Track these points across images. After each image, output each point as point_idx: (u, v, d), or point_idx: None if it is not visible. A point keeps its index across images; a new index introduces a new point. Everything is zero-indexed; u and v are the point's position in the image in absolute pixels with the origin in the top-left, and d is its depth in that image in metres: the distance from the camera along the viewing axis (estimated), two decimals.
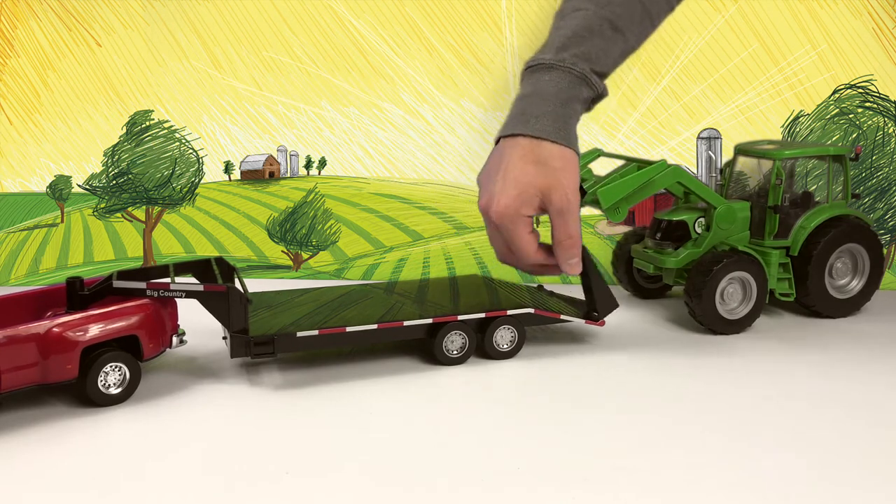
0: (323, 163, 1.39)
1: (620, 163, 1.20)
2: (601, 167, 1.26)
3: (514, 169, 0.91)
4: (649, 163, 1.13)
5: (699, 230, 1.17)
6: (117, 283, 0.95)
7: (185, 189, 1.40)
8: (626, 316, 1.21)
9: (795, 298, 1.18)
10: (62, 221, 1.40)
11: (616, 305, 1.09)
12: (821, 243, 1.16)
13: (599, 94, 0.97)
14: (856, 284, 1.21)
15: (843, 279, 1.21)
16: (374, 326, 0.99)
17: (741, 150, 1.22)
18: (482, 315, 1.03)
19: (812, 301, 1.18)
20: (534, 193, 0.91)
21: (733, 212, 1.16)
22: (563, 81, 0.94)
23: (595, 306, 1.07)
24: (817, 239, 1.17)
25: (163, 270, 1.01)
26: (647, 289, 1.30)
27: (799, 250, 1.17)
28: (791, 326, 1.17)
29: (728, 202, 1.16)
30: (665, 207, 1.26)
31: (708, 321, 1.11)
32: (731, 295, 1.12)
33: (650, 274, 1.24)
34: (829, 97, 1.32)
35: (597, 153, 1.23)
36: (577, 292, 1.14)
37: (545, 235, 0.96)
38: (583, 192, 1.06)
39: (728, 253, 1.13)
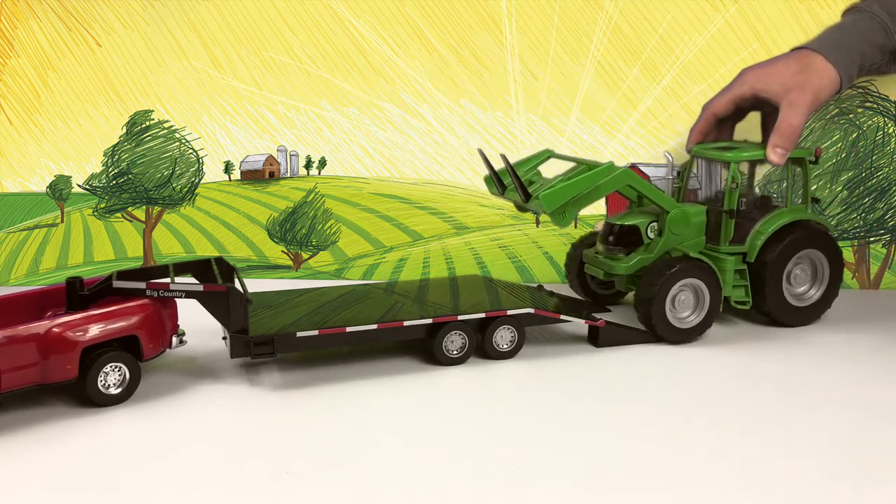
0: (323, 163, 1.39)
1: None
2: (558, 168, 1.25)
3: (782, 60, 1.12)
4: (599, 165, 1.09)
5: (652, 235, 1.12)
6: (117, 283, 0.95)
7: (185, 189, 1.40)
8: (626, 316, 1.21)
9: (752, 306, 1.14)
10: (62, 221, 1.40)
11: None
12: (778, 249, 1.12)
13: None
14: (815, 292, 1.17)
15: (802, 287, 1.17)
16: (374, 326, 0.99)
17: (697, 152, 1.18)
18: (482, 315, 1.03)
19: (769, 309, 1.14)
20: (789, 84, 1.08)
21: (687, 216, 1.11)
22: (861, 22, 1.11)
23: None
24: (774, 245, 1.12)
25: (162, 270, 1.01)
26: (599, 294, 1.25)
27: (756, 256, 1.12)
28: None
29: (682, 206, 1.12)
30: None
31: (659, 329, 1.08)
32: (683, 303, 1.09)
33: (602, 280, 1.20)
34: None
35: (547, 154, 1.17)
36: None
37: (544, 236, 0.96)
38: (527, 194, 1.05)
39: (680, 259, 1.08)
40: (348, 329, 0.98)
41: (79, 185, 1.40)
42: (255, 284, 1.16)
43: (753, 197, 1.19)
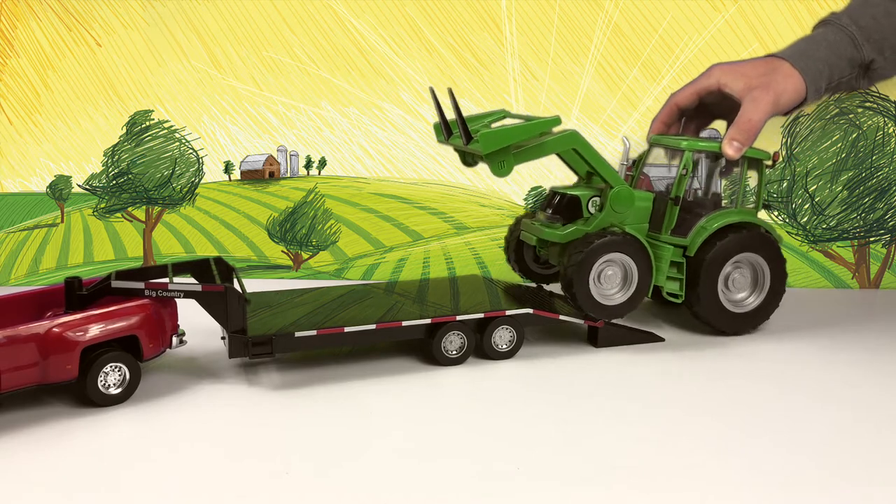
0: (323, 163, 1.39)
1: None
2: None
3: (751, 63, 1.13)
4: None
5: (592, 210, 1.09)
6: (116, 283, 0.95)
7: (185, 189, 1.40)
8: (626, 317, 1.21)
9: (688, 308, 1.12)
10: (62, 221, 1.41)
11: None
12: (717, 247, 1.09)
13: (867, 61, 1.09)
14: (753, 300, 1.13)
15: (741, 293, 1.13)
16: (373, 327, 0.99)
17: (655, 140, 1.16)
18: (481, 315, 1.03)
19: (702, 311, 1.10)
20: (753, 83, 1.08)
21: (631, 197, 1.08)
22: (830, 35, 1.12)
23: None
24: (715, 242, 1.09)
25: (161, 270, 1.02)
26: (535, 273, 1.20)
27: (696, 252, 1.09)
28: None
29: (629, 187, 1.09)
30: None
31: (581, 301, 1.05)
32: (610, 278, 1.06)
33: (540, 255, 1.15)
34: (829, 97, 1.32)
35: (502, 113, 1.13)
36: None
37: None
38: (468, 136, 1.01)
39: (613, 232, 1.05)
40: (347, 329, 0.99)
41: (79, 185, 1.40)
42: (254, 284, 1.16)
43: (707, 194, 1.17)
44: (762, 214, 1.29)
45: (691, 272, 1.10)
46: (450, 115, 1.04)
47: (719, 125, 1.26)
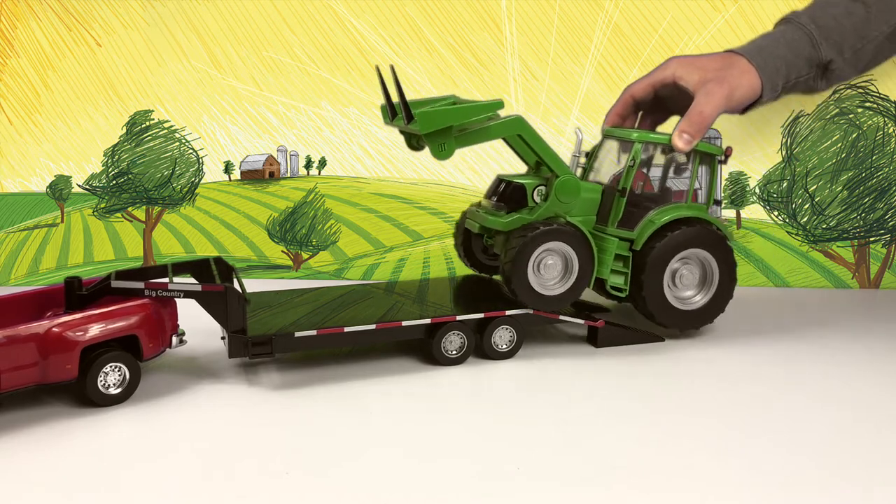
0: (323, 163, 1.39)
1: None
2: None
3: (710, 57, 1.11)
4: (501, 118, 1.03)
5: (538, 199, 1.06)
6: (115, 283, 0.95)
7: (185, 189, 1.40)
8: (626, 316, 1.21)
9: (632, 302, 1.10)
10: (62, 221, 1.41)
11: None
12: (663, 241, 1.06)
13: (825, 61, 1.08)
14: (700, 298, 1.10)
15: (688, 290, 1.10)
16: (373, 327, 0.99)
17: (608, 132, 1.13)
18: (481, 315, 1.03)
19: (647, 306, 1.08)
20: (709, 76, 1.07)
21: (577, 187, 1.06)
22: (789, 33, 1.10)
23: None
24: (662, 237, 1.06)
25: (161, 270, 1.02)
26: (484, 264, 1.18)
27: (642, 246, 1.07)
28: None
29: (575, 177, 1.06)
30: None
31: (519, 291, 1.03)
32: (550, 267, 1.03)
33: (487, 245, 1.13)
34: (829, 97, 1.32)
35: (452, 99, 1.10)
36: None
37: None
38: (409, 115, 0.98)
39: (556, 221, 1.04)
40: (347, 329, 0.98)
41: (79, 185, 1.40)
42: (254, 284, 1.16)
43: (659, 188, 1.14)
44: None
45: (637, 266, 1.07)
46: (395, 96, 1.01)
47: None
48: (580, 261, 1.04)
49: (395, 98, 0.99)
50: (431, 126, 0.96)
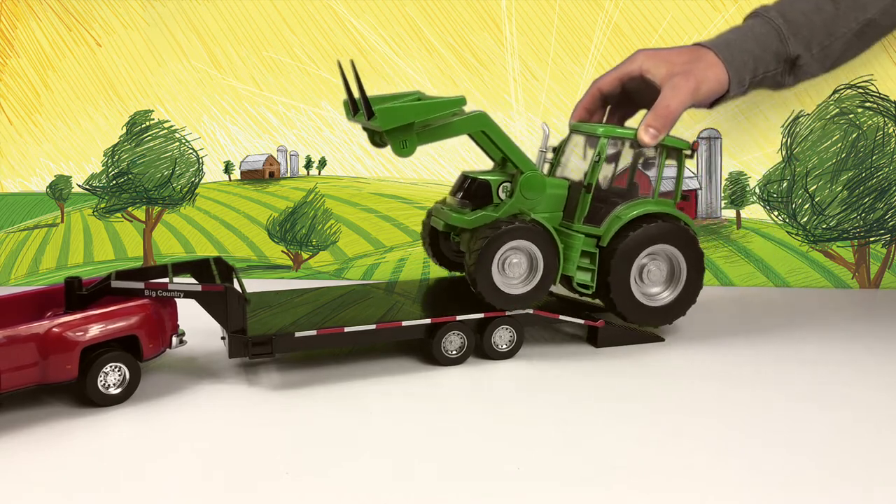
0: (323, 163, 1.39)
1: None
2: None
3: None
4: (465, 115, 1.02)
5: (503, 195, 1.04)
6: (115, 283, 0.95)
7: (185, 189, 1.40)
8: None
9: (600, 300, 1.09)
10: (62, 221, 1.41)
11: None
12: (629, 237, 1.05)
13: (792, 56, 1.08)
14: (667, 295, 1.09)
15: (656, 287, 1.09)
16: (373, 327, 0.99)
17: (574, 127, 1.11)
18: (481, 315, 1.03)
19: (614, 302, 1.06)
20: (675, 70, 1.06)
21: (542, 183, 1.04)
22: (757, 27, 1.10)
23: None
24: (628, 232, 1.05)
25: (161, 270, 1.02)
26: (452, 261, 1.16)
27: (609, 242, 1.05)
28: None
29: (540, 173, 1.05)
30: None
31: (485, 292, 1.01)
32: (515, 266, 1.02)
33: (453, 243, 1.12)
34: (829, 97, 1.32)
35: (416, 95, 1.07)
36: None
37: None
38: (370, 112, 0.95)
39: (519, 219, 1.02)
40: (347, 329, 0.98)
41: (79, 185, 1.40)
42: (254, 284, 1.16)
43: (627, 184, 1.12)
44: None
45: (604, 263, 1.06)
46: (356, 91, 0.98)
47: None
48: (545, 258, 1.03)
49: (356, 94, 0.97)
50: (392, 123, 0.95)
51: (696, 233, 1.09)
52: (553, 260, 1.03)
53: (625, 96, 1.13)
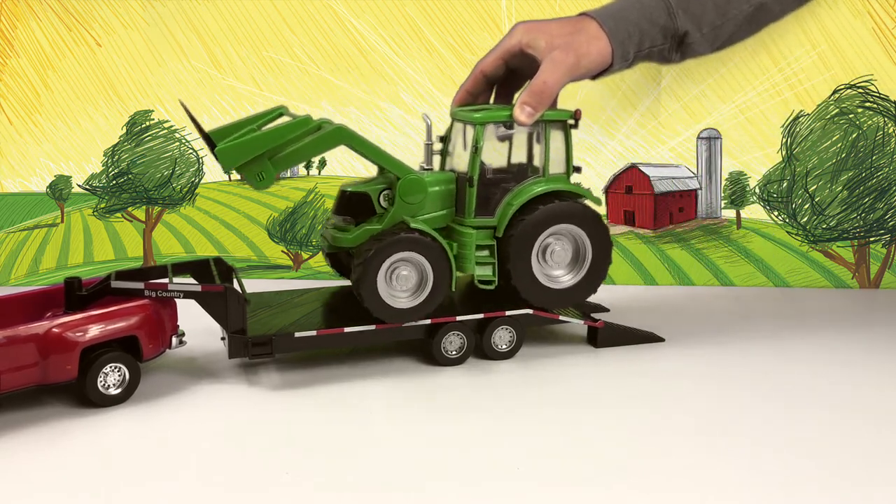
0: (323, 163, 1.39)
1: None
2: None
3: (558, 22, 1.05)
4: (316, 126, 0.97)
5: (384, 204, 1.00)
6: (115, 284, 0.95)
7: (185, 189, 1.40)
8: (625, 317, 1.21)
9: (505, 290, 1.04)
10: (62, 221, 1.41)
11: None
12: (523, 223, 1.00)
13: (680, 32, 1.03)
14: (569, 278, 1.05)
15: (560, 269, 1.05)
16: (373, 327, 0.99)
17: (454, 113, 1.06)
18: (480, 316, 1.03)
19: (517, 288, 1.02)
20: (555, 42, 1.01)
21: (420, 185, 0.99)
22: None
23: None
24: (523, 218, 1.00)
25: (161, 271, 1.02)
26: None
27: (504, 231, 1.01)
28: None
29: (418, 173, 1.00)
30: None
31: (379, 313, 0.98)
32: (404, 279, 0.98)
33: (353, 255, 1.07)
34: (829, 97, 1.32)
35: (278, 111, 1.02)
36: None
37: None
38: (212, 145, 0.91)
39: (395, 231, 0.97)
40: (347, 329, 0.99)
41: (79, 185, 1.40)
42: (254, 284, 1.16)
43: (511, 166, 1.06)
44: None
45: (502, 252, 1.01)
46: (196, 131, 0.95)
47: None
48: (432, 263, 0.98)
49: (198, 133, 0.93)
50: (233, 162, 0.90)
51: (594, 201, 1.05)
52: (442, 261, 0.99)
53: (512, 73, 1.08)
